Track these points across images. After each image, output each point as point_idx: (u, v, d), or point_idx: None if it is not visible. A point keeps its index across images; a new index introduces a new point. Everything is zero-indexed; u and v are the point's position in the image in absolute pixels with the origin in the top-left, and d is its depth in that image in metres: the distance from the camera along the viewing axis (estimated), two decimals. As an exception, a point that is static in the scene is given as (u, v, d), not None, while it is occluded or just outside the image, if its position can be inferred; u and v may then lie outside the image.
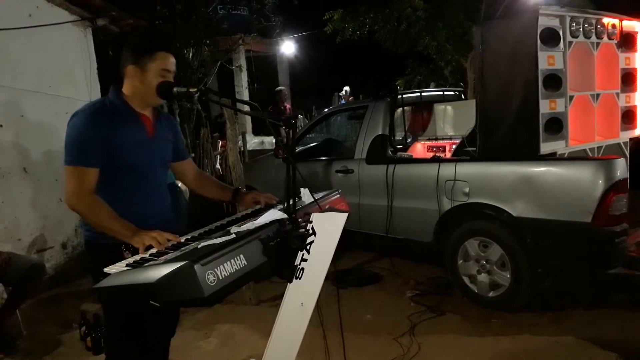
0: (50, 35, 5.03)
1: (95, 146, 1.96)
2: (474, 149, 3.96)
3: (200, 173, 2.54)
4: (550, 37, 3.50)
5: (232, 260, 1.51)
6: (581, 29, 3.71)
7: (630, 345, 3.09)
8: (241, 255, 1.55)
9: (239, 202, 2.36)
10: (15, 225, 4.62)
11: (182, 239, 1.83)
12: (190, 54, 8.75)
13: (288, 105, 9.57)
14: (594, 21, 3.80)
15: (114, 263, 1.62)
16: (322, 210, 1.93)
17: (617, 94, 4.09)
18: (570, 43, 3.65)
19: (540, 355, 3.06)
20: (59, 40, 5.22)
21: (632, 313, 3.53)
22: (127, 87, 2.10)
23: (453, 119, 5.20)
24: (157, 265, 1.47)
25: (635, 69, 4.21)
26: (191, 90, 1.96)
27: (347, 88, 11.72)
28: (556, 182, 3.45)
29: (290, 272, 1.79)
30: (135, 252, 1.80)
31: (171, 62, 2.07)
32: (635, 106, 4.27)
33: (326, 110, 6.47)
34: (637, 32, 4.17)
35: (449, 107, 5.31)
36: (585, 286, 3.93)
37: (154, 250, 1.73)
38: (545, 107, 3.51)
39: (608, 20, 3.93)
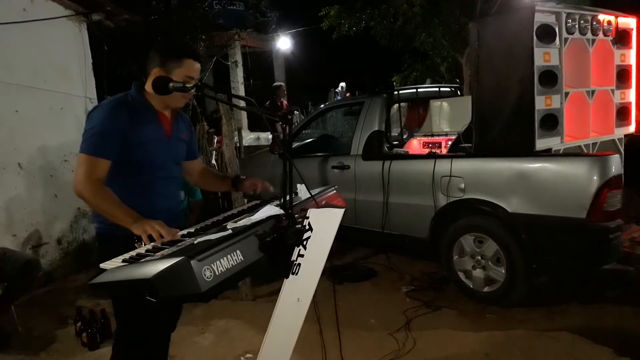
0: (45, 30, 5.00)
1: (113, 139, 2.01)
2: (470, 145, 3.97)
3: (205, 169, 2.61)
4: (546, 34, 3.50)
5: (229, 256, 1.52)
6: (577, 26, 3.72)
7: (624, 340, 3.11)
8: (238, 251, 1.56)
9: (239, 188, 2.44)
10: (10, 221, 4.60)
11: (179, 235, 1.83)
12: (186, 50, 8.70)
13: (284, 101, 9.56)
14: (589, 18, 3.81)
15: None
16: (318, 206, 1.93)
17: (612, 91, 4.11)
18: (566, 39, 3.66)
19: (534, 350, 3.08)
20: (54, 35, 5.19)
21: (626, 308, 3.55)
22: (150, 87, 2.12)
23: (449, 115, 5.21)
24: (153, 260, 1.47)
25: (630, 66, 4.23)
26: (187, 85, 1.96)
27: (343, 84, 11.71)
28: (551, 178, 3.47)
29: (287, 268, 1.80)
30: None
31: (196, 69, 2.12)
32: (630, 103, 4.29)
33: (322, 106, 6.47)
34: (632, 29, 4.19)
35: (445, 104, 5.32)
36: (580, 282, 3.96)
37: (150, 246, 1.73)
38: (541, 103, 3.52)
39: (604, 17, 3.94)
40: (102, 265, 1.57)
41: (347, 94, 11.41)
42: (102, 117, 2.02)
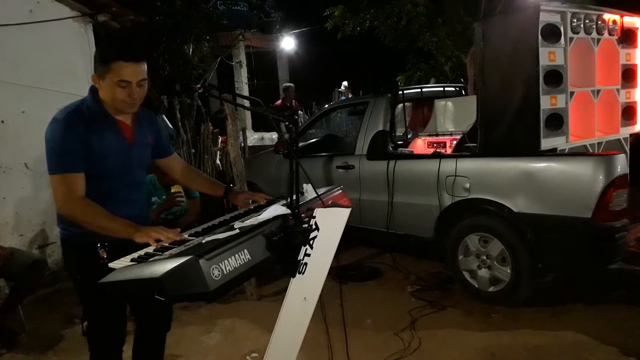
0: (51, 31, 5.03)
1: (78, 151, 1.94)
2: (475, 144, 3.97)
3: (188, 167, 2.53)
4: (551, 33, 3.50)
5: (237, 255, 1.53)
6: (582, 25, 3.71)
7: (630, 340, 3.11)
8: (245, 250, 1.57)
9: (231, 200, 2.36)
10: (17, 221, 4.63)
11: (186, 235, 1.84)
12: (191, 50, 8.75)
13: (295, 102, 9.58)
14: (594, 17, 3.80)
15: (91, 261, 1.61)
16: (325, 205, 1.94)
17: (618, 90, 4.10)
18: (571, 39, 3.65)
19: (540, 350, 3.08)
20: (60, 36, 5.22)
21: (632, 308, 3.54)
22: (103, 94, 2.04)
23: (454, 115, 5.20)
24: (162, 260, 1.48)
25: (635, 65, 4.21)
26: (194, 86, 1.97)
27: (345, 83, 11.70)
28: (557, 178, 3.46)
29: (294, 267, 1.81)
30: (111, 250, 1.78)
31: (131, 71, 1.93)
32: (635, 102, 4.28)
33: (327, 106, 6.48)
34: (637, 28, 4.17)
35: (449, 103, 5.31)
36: (586, 281, 3.95)
37: (158, 245, 1.74)
38: (546, 103, 3.51)
39: (609, 16, 3.93)
40: (111, 265, 1.58)
41: (350, 93, 11.41)
42: (61, 132, 1.94)
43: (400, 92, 5.08)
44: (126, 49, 1.94)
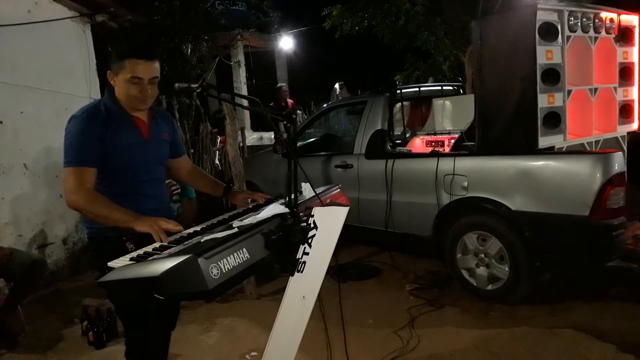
0: (50, 31, 5.03)
1: (93, 147, 2.02)
2: (473, 143, 3.98)
3: (195, 168, 2.60)
4: (549, 32, 3.51)
5: (235, 254, 1.54)
6: (579, 24, 3.72)
7: (627, 337, 3.12)
8: (244, 249, 1.57)
9: (230, 200, 2.41)
10: (16, 221, 4.64)
11: (185, 233, 1.85)
12: (189, 50, 8.75)
13: (290, 101, 9.61)
14: (592, 15, 3.81)
15: (119, 255, 1.64)
16: (323, 204, 1.95)
17: (615, 88, 4.10)
18: (569, 37, 3.66)
19: (538, 347, 3.09)
20: (58, 37, 5.22)
21: (630, 305, 3.56)
22: (118, 92, 2.12)
23: (452, 114, 5.22)
24: (161, 258, 1.49)
25: (633, 63, 4.22)
26: (192, 86, 1.98)
27: (340, 82, 11.66)
28: (554, 176, 3.47)
29: (292, 266, 1.81)
30: (137, 242, 1.81)
31: (143, 69, 2.03)
32: (632, 100, 4.29)
33: (325, 105, 6.48)
34: (635, 26, 4.18)
35: (447, 102, 5.32)
36: (583, 279, 3.97)
37: (157, 245, 1.75)
38: (544, 101, 3.52)
39: (606, 15, 3.94)
40: (110, 264, 1.59)
41: (346, 93, 11.38)
42: (79, 128, 2.02)
43: (399, 91, 5.09)
44: (140, 47, 2.06)
